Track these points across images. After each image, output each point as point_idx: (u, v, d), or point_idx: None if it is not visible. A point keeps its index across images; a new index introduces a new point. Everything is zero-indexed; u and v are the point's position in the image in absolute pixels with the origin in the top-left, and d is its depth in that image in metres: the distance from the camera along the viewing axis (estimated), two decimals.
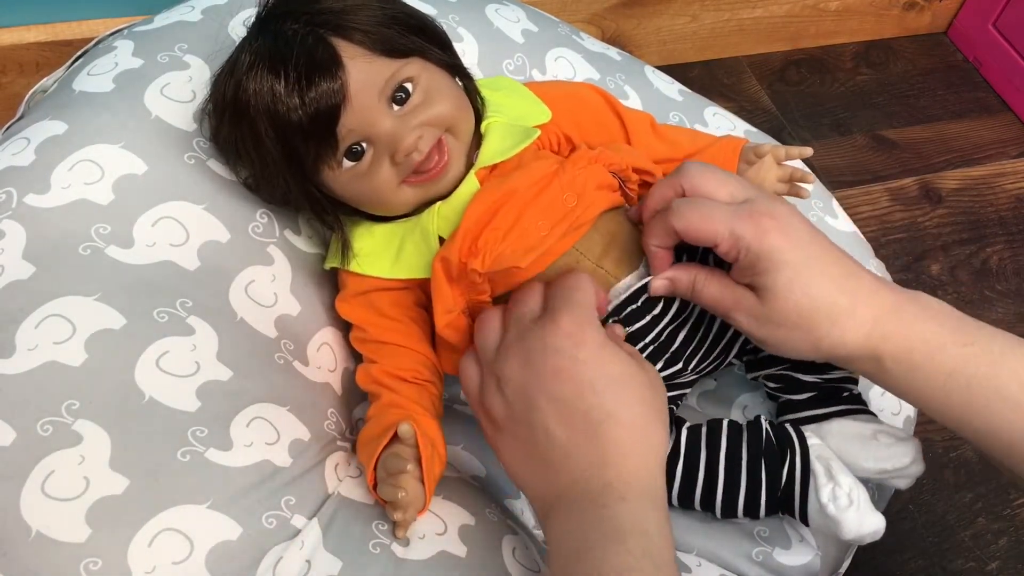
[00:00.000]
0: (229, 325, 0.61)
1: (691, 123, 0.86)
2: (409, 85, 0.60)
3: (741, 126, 0.88)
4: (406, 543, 0.58)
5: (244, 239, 0.65)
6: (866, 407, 0.65)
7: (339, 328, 0.69)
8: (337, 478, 0.61)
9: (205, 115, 0.67)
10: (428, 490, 0.58)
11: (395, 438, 0.58)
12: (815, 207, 0.84)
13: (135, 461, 0.53)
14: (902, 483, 0.63)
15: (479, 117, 0.66)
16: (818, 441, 0.62)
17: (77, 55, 0.74)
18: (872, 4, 1.38)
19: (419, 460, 0.57)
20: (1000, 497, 0.96)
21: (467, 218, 0.60)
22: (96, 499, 0.51)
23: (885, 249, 1.17)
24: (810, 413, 0.65)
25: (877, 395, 0.72)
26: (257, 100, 0.59)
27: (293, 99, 0.57)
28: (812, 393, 0.65)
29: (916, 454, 0.62)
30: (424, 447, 0.57)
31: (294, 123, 0.58)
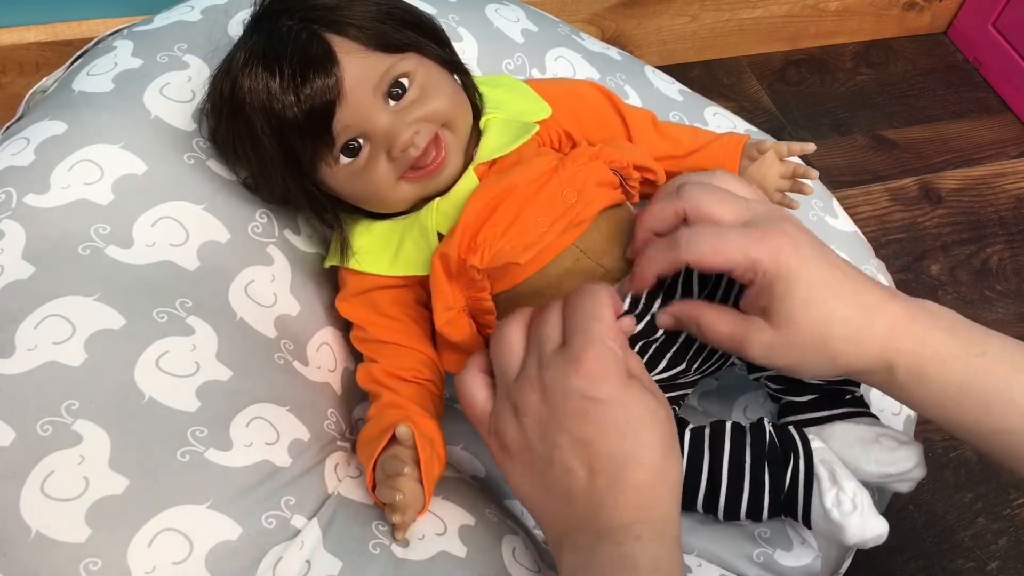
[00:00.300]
0: (229, 325, 0.61)
1: (691, 123, 0.85)
2: (405, 80, 0.60)
3: (742, 126, 0.88)
4: (406, 544, 0.58)
5: (244, 239, 0.65)
6: (868, 410, 0.65)
7: (339, 328, 0.69)
8: (337, 478, 0.61)
9: (203, 115, 0.67)
10: (427, 491, 0.57)
11: (393, 439, 0.57)
12: (815, 207, 0.83)
13: (135, 461, 0.53)
14: (904, 487, 0.63)
15: (477, 113, 0.66)
16: (821, 444, 0.61)
17: (77, 55, 0.74)
18: (872, 4, 1.38)
19: (418, 462, 0.57)
20: (1000, 497, 0.96)
21: (466, 214, 0.59)
22: (96, 499, 0.51)
23: (885, 249, 1.17)
24: (812, 415, 0.64)
25: (878, 396, 0.72)
26: (253, 98, 0.59)
27: (288, 96, 0.57)
28: (815, 395, 0.65)
29: (919, 458, 0.61)
30: (423, 448, 0.57)
31: (290, 120, 0.58)
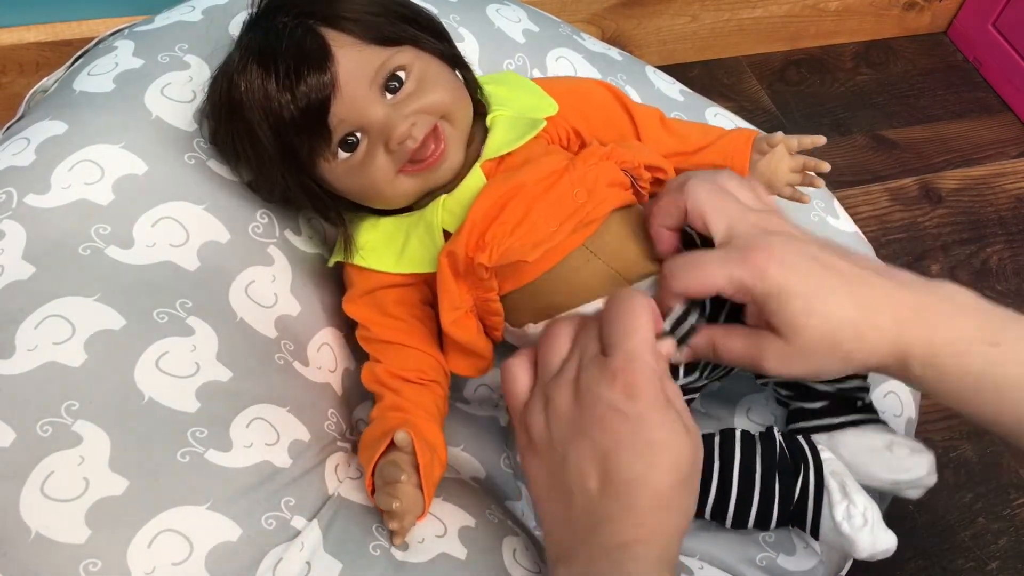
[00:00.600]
0: (229, 326, 0.61)
1: None
2: (402, 73, 0.60)
3: (743, 127, 0.88)
4: (405, 547, 0.58)
5: (244, 239, 0.65)
6: (878, 417, 0.64)
7: (339, 328, 0.69)
8: (337, 479, 0.60)
9: (204, 118, 0.67)
10: (427, 496, 0.57)
11: (393, 445, 0.57)
12: (816, 207, 0.83)
13: (135, 462, 0.53)
14: (913, 493, 0.63)
15: (479, 107, 0.65)
16: (831, 456, 0.61)
17: (77, 55, 0.74)
18: (872, 4, 1.38)
19: (417, 467, 0.57)
20: (1000, 497, 0.96)
21: (474, 212, 0.59)
22: (96, 500, 0.51)
23: (885, 249, 1.17)
24: (823, 422, 0.64)
25: (880, 397, 0.72)
26: (249, 97, 0.58)
27: (284, 95, 0.57)
28: (826, 402, 0.64)
29: (931, 466, 0.61)
30: (422, 453, 0.57)
31: (286, 117, 0.58)
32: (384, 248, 0.64)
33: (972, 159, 1.30)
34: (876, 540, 0.58)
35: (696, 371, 0.62)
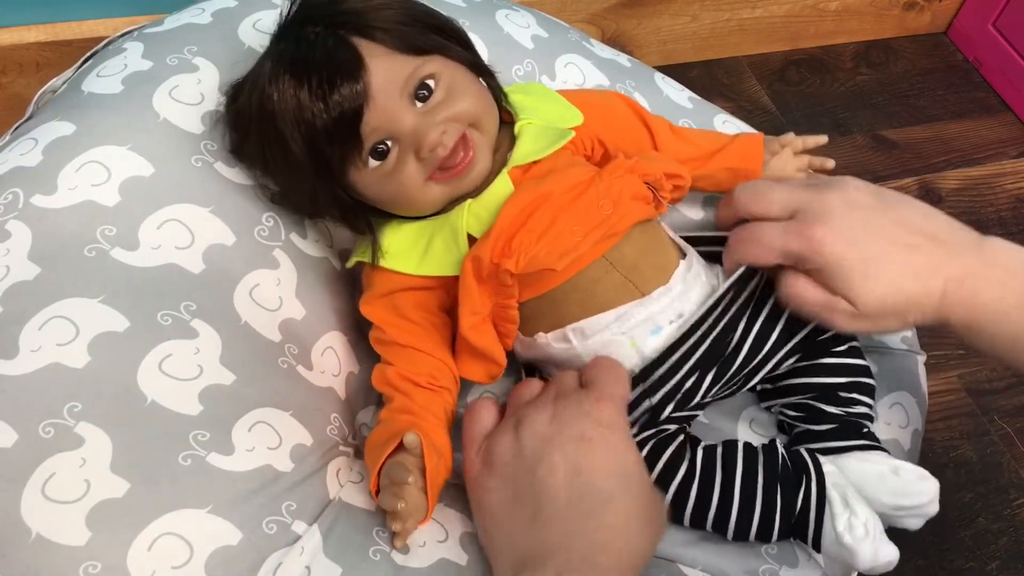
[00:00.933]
0: (233, 329, 0.61)
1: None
2: (431, 82, 0.61)
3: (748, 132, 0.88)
4: (406, 551, 0.58)
5: (250, 242, 0.65)
6: (880, 445, 0.64)
7: (344, 332, 0.69)
8: (339, 483, 0.61)
9: (225, 128, 0.67)
10: (431, 501, 0.58)
11: (401, 446, 0.57)
12: None
13: (136, 464, 0.53)
14: (914, 523, 0.62)
15: (505, 115, 0.66)
16: (833, 468, 0.61)
17: (87, 56, 0.74)
18: (872, 4, 1.38)
19: (423, 470, 0.57)
20: (1000, 497, 0.96)
21: (502, 218, 0.60)
22: (97, 502, 0.51)
23: None
24: (829, 445, 0.64)
25: (885, 408, 0.73)
26: (282, 107, 0.59)
27: (317, 104, 0.58)
28: (833, 425, 0.65)
29: (935, 494, 0.61)
30: (429, 457, 0.57)
31: (319, 126, 0.58)
32: (407, 251, 0.64)
33: (972, 159, 1.30)
34: (878, 551, 0.58)
35: (702, 387, 0.64)
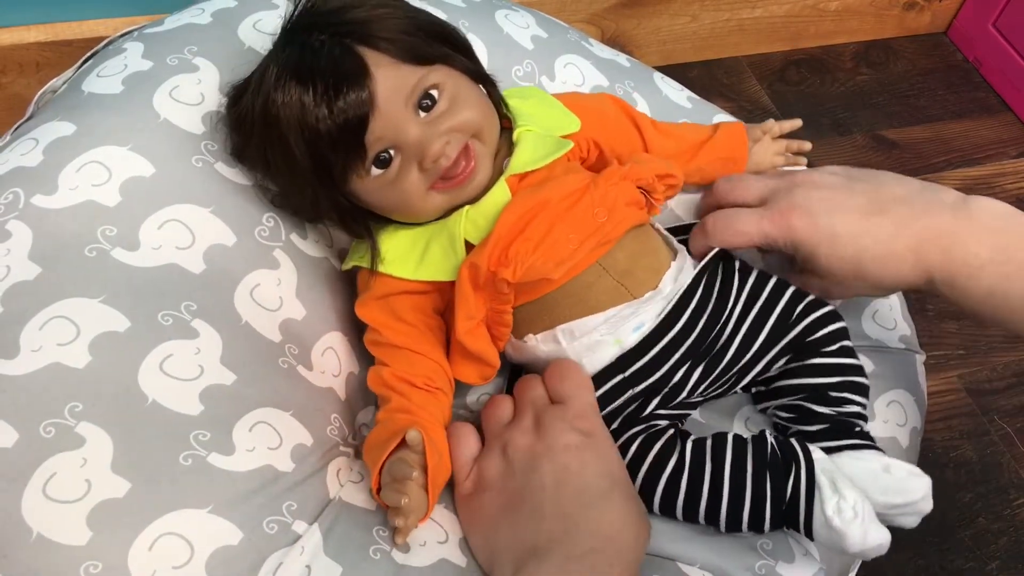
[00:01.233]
0: (234, 329, 0.61)
1: None
2: (435, 92, 0.61)
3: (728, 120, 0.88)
4: (407, 549, 0.58)
5: (250, 242, 0.65)
6: (875, 444, 0.64)
7: (344, 333, 0.69)
8: (339, 483, 0.61)
9: (227, 130, 0.67)
10: (432, 498, 0.58)
11: (402, 444, 0.57)
12: None
13: (137, 464, 0.53)
14: (909, 521, 0.62)
15: (504, 122, 0.66)
16: (823, 455, 0.61)
17: (87, 56, 0.74)
18: (872, 4, 1.38)
19: (425, 467, 0.57)
20: (1000, 497, 0.96)
21: (499, 226, 0.60)
22: (97, 502, 0.51)
23: None
24: (820, 445, 0.64)
25: (883, 406, 0.73)
26: (286, 112, 0.59)
27: (322, 109, 0.58)
28: (825, 425, 0.65)
29: (927, 490, 0.61)
30: (431, 455, 0.57)
31: (323, 133, 0.58)
32: (404, 256, 0.64)
33: (972, 159, 1.30)
34: (867, 534, 0.58)
35: (682, 392, 0.65)
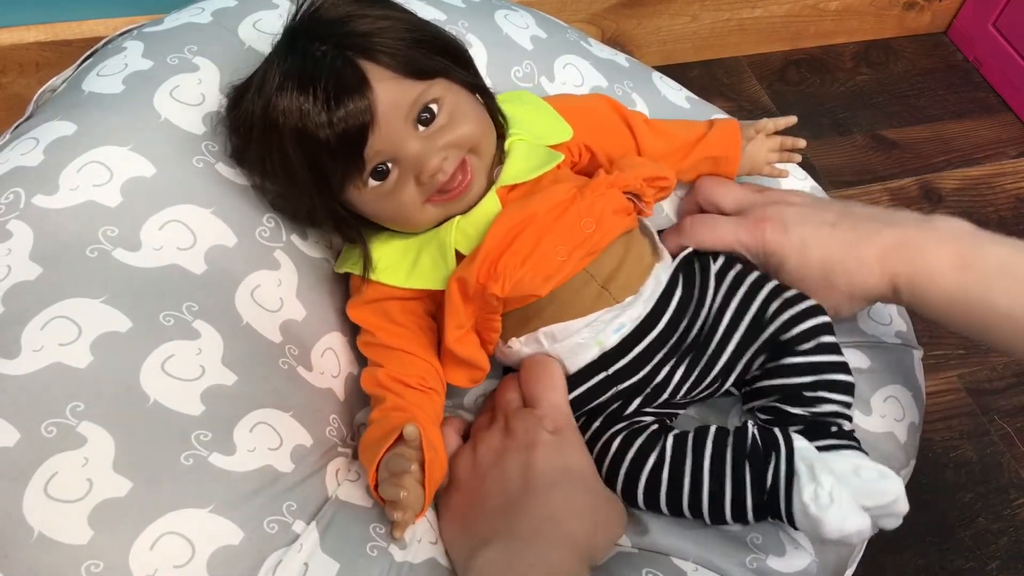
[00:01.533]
0: (235, 329, 0.61)
1: None
2: (434, 106, 0.61)
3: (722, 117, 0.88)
4: (404, 545, 0.58)
5: (251, 243, 0.65)
6: (857, 444, 0.63)
7: (343, 334, 0.69)
8: (337, 482, 0.61)
9: (227, 132, 0.67)
10: (428, 494, 0.58)
11: (399, 440, 0.58)
12: None
13: (138, 464, 0.53)
14: (889, 523, 0.60)
15: (501, 134, 0.67)
16: (806, 444, 0.61)
17: (87, 55, 0.73)
18: (872, 4, 1.38)
19: (422, 463, 0.58)
20: (1000, 497, 0.96)
21: (488, 240, 0.61)
22: (99, 501, 0.51)
23: None
24: None
25: (880, 401, 0.73)
26: (286, 119, 0.59)
27: (322, 118, 0.58)
28: (799, 427, 0.64)
29: (900, 492, 0.59)
30: (427, 450, 0.58)
31: (322, 142, 0.58)
32: (395, 264, 0.65)
33: (972, 159, 1.30)
34: (845, 520, 0.57)
35: (665, 392, 0.66)
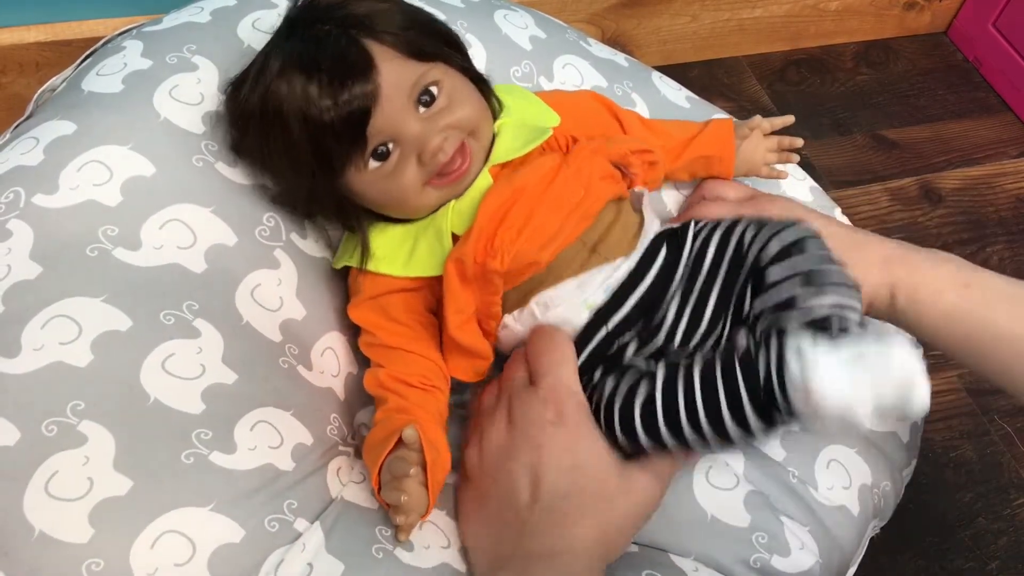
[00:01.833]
0: (235, 328, 0.61)
1: None
2: (435, 88, 0.61)
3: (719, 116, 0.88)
4: (410, 548, 0.58)
5: (251, 242, 0.65)
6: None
7: (343, 333, 0.69)
8: (340, 483, 0.61)
9: (226, 125, 0.67)
10: (431, 495, 0.58)
11: (400, 442, 0.58)
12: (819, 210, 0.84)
13: (139, 463, 0.53)
14: (915, 405, 0.50)
15: (495, 119, 0.67)
16: (805, 334, 0.53)
17: (86, 54, 0.73)
18: (872, 4, 1.38)
19: (423, 465, 0.58)
20: (1000, 497, 0.97)
21: (480, 217, 0.61)
22: (99, 500, 0.51)
23: None
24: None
25: None
26: (289, 102, 0.59)
27: (326, 100, 0.58)
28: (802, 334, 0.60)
29: (908, 366, 0.50)
30: (428, 452, 0.58)
31: (326, 123, 0.58)
32: (393, 253, 0.65)
33: (972, 159, 1.30)
34: (836, 380, 0.50)
35: (661, 332, 0.63)
